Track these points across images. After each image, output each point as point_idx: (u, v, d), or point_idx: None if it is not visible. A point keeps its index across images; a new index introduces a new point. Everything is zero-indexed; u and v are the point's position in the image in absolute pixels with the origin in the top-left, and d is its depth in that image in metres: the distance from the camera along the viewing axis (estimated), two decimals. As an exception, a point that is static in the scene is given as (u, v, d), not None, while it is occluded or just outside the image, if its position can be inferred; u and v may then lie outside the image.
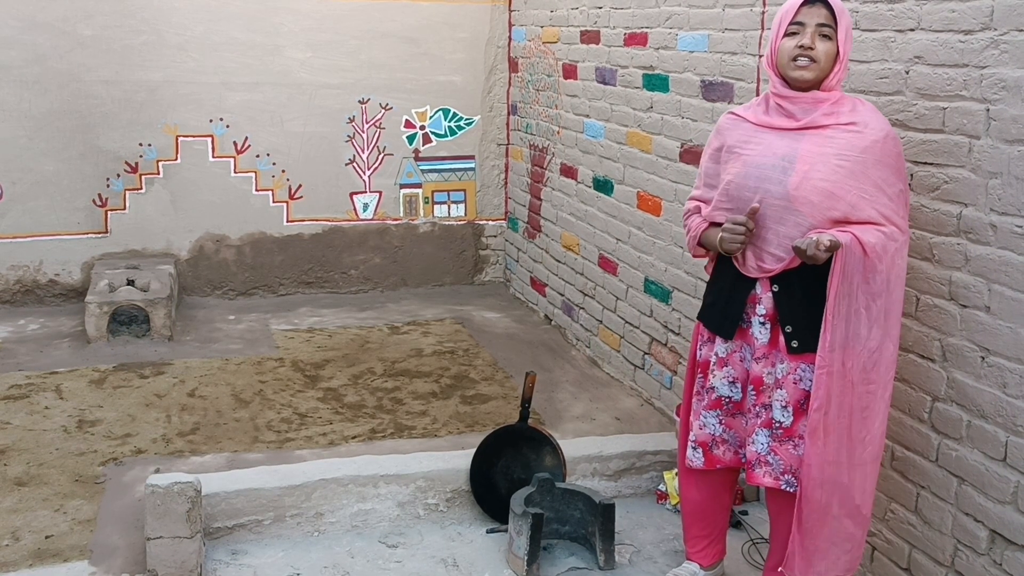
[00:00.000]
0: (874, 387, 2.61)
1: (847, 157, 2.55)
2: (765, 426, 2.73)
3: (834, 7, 2.60)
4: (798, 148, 2.61)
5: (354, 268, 6.44)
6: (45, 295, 5.91)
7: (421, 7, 6.26)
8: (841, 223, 2.56)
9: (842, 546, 2.70)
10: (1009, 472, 2.56)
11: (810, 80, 2.62)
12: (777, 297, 2.68)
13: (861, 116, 2.59)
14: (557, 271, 5.72)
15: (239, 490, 3.33)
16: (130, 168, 5.93)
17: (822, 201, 2.56)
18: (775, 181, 2.62)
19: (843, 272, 2.52)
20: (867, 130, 2.56)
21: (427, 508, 3.53)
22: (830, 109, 2.61)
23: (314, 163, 6.25)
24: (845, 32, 2.60)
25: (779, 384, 2.70)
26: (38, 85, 5.68)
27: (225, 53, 5.96)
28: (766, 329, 2.71)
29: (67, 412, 4.36)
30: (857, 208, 2.55)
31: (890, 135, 2.59)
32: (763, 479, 2.74)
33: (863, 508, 2.69)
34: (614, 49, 4.88)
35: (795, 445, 2.69)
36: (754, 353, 2.75)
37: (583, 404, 4.64)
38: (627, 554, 3.36)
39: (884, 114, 2.93)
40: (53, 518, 3.45)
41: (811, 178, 2.56)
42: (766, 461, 2.73)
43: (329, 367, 5.04)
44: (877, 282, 2.54)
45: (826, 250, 2.49)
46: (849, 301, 2.54)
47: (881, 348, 2.60)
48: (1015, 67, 2.50)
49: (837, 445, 2.61)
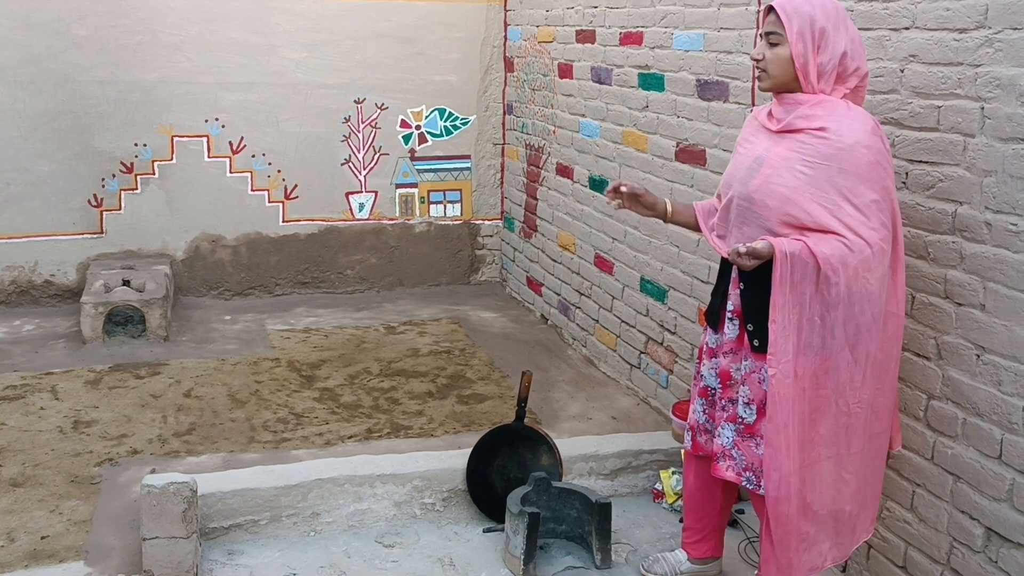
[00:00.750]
0: (824, 392, 2.58)
1: (810, 164, 2.51)
2: (731, 420, 2.76)
3: (780, 12, 2.55)
4: (772, 151, 2.62)
5: (350, 268, 6.44)
6: (40, 296, 5.90)
7: (416, 7, 6.26)
8: (800, 228, 2.52)
9: (801, 548, 2.69)
10: (1004, 470, 2.57)
11: (767, 89, 2.64)
12: (742, 295, 2.70)
13: (835, 123, 2.51)
14: (553, 270, 5.72)
15: (235, 490, 3.33)
16: (125, 168, 5.92)
17: (779, 205, 2.54)
18: (742, 182, 2.66)
19: (789, 280, 2.49)
20: (835, 137, 2.49)
21: (423, 508, 3.53)
22: (808, 112, 2.56)
23: (310, 163, 6.24)
24: (796, 34, 2.52)
25: (744, 380, 2.72)
26: (33, 85, 5.67)
27: (220, 53, 5.96)
28: (735, 325, 2.75)
29: (63, 413, 4.35)
30: (814, 215, 2.50)
31: (861, 143, 2.48)
32: (726, 473, 2.76)
33: (815, 507, 2.66)
34: (610, 48, 4.88)
35: (757, 444, 2.70)
36: (723, 347, 2.79)
37: (579, 403, 4.64)
38: (623, 553, 3.36)
39: (878, 113, 2.94)
40: (49, 519, 3.44)
41: (771, 182, 2.56)
42: (730, 455, 2.76)
43: (325, 367, 5.03)
44: (832, 293, 2.49)
45: (740, 256, 2.49)
46: (801, 310, 2.51)
47: (836, 359, 2.55)
48: (1009, 65, 2.50)
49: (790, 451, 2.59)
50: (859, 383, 2.60)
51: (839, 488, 2.68)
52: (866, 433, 2.67)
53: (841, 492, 2.69)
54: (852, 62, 2.57)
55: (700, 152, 4.06)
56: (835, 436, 2.62)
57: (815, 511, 2.67)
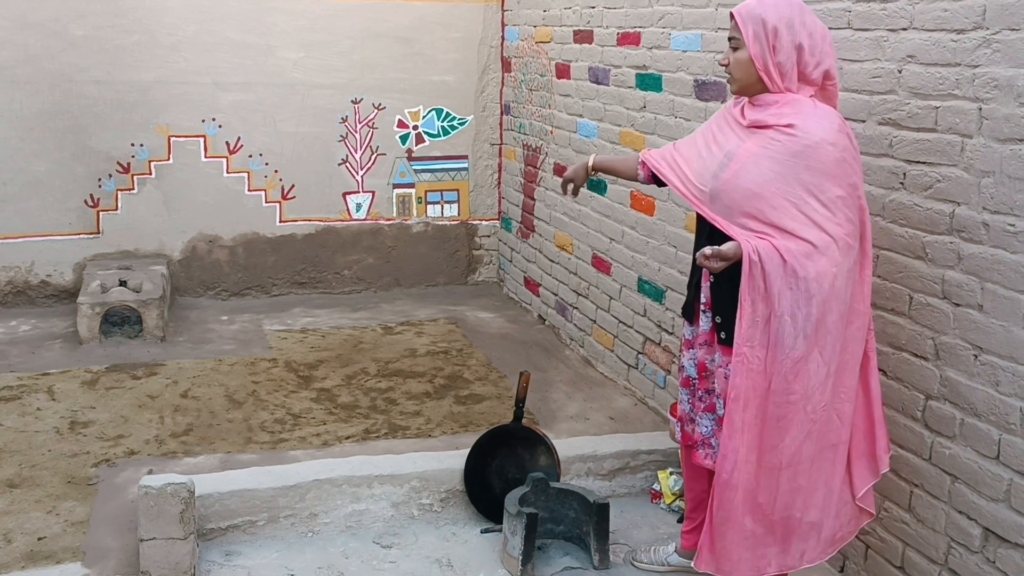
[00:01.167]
0: (795, 398, 2.57)
1: (778, 160, 2.53)
2: (708, 410, 2.81)
3: (736, 17, 2.60)
4: (741, 146, 2.63)
5: (347, 268, 6.43)
6: (37, 296, 5.89)
7: (414, 7, 6.26)
8: (764, 223, 2.54)
9: (744, 544, 2.68)
10: (1002, 470, 2.57)
11: (737, 92, 2.69)
12: (712, 288, 2.74)
13: (802, 120, 2.53)
14: (551, 271, 5.72)
15: (233, 491, 3.32)
16: (122, 168, 5.91)
17: (745, 200, 2.56)
18: (712, 175, 2.67)
19: (759, 278, 2.51)
20: (802, 135, 2.51)
21: (421, 508, 3.53)
22: (777, 110, 2.59)
23: (307, 163, 6.23)
24: (752, 37, 2.56)
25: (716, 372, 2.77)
26: (29, 85, 5.66)
27: (217, 53, 5.95)
28: (707, 318, 2.79)
29: (59, 413, 4.34)
30: (780, 210, 2.52)
31: (827, 141, 2.51)
32: (705, 460, 2.83)
33: (766, 509, 2.65)
34: (607, 49, 4.88)
35: None
36: (698, 339, 2.83)
37: (577, 404, 4.64)
38: (622, 554, 3.36)
39: (876, 113, 2.95)
40: (46, 520, 3.44)
41: (739, 176, 2.58)
42: (709, 444, 2.80)
43: (322, 367, 5.03)
44: (800, 289, 2.50)
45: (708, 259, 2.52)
46: (769, 306, 2.52)
47: (807, 359, 2.54)
48: (1007, 66, 2.50)
49: (749, 446, 2.61)
50: (826, 385, 2.59)
51: (794, 496, 2.66)
52: (826, 441, 2.64)
53: (795, 500, 2.66)
54: (811, 58, 2.57)
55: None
56: (799, 444, 2.61)
57: (765, 513, 2.66)
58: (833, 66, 2.63)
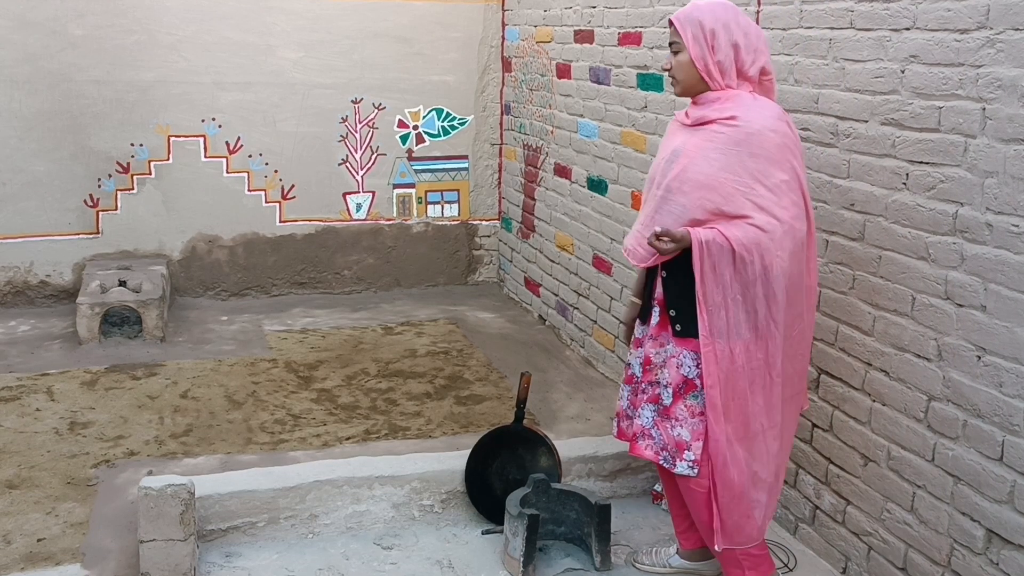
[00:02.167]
0: (757, 364, 2.74)
1: (723, 151, 2.66)
2: (651, 401, 2.89)
3: (675, 23, 2.75)
4: (688, 142, 2.75)
5: (347, 268, 6.42)
6: (36, 296, 5.88)
7: (414, 7, 6.25)
8: (716, 215, 2.67)
9: (751, 515, 2.85)
10: (1006, 471, 2.56)
11: (680, 94, 2.83)
12: (665, 283, 2.84)
13: (743, 111, 2.67)
14: (551, 271, 5.71)
15: (233, 492, 3.31)
16: (122, 168, 5.90)
17: (696, 192, 2.68)
18: (662, 173, 2.79)
19: (709, 264, 2.65)
20: (744, 124, 2.65)
21: (422, 509, 3.52)
22: (719, 105, 2.71)
23: (307, 163, 6.23)
24: (691, 39, 2.71)
25: (664, 364, 2.85)
26: (29, 85, 5.65)
27: (217, 53, 5.94)
28: (657, 312, 2.88)
29: (59, 414, 4.33)
30: (731, 198, 2.65)
31: (768, 128, 2.65)
32: (645, 451, 2.90)
33: (761, 474, 2.81)
34: (608, 48, 4.87)
35: (671, 426, 2.83)
36: (648, 334, 2.91)
37: (578, 404, 4.63)
38: (623, 555, 3.35)
39: (879, 113, 2.94)
40: (45, 521, 3.43)
41: (688, 171, 2.70)
42: (650, 434, 2.89)
43: (323, 368, 5.02)
44: (748, 272, 2.65)
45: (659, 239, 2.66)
46: (724, 291, 2.68)
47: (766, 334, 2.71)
48: (1011, 66, 2.50)
49: (735, 424, 2.76)
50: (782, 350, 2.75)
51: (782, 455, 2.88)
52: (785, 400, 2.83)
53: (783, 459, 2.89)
54: (748, 55, 2.71)
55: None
56: (769, 406, 2.78)
57: (763, 479, 2.83)
58: (768, 62, 2.76)
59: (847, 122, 3.10)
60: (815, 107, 3.26)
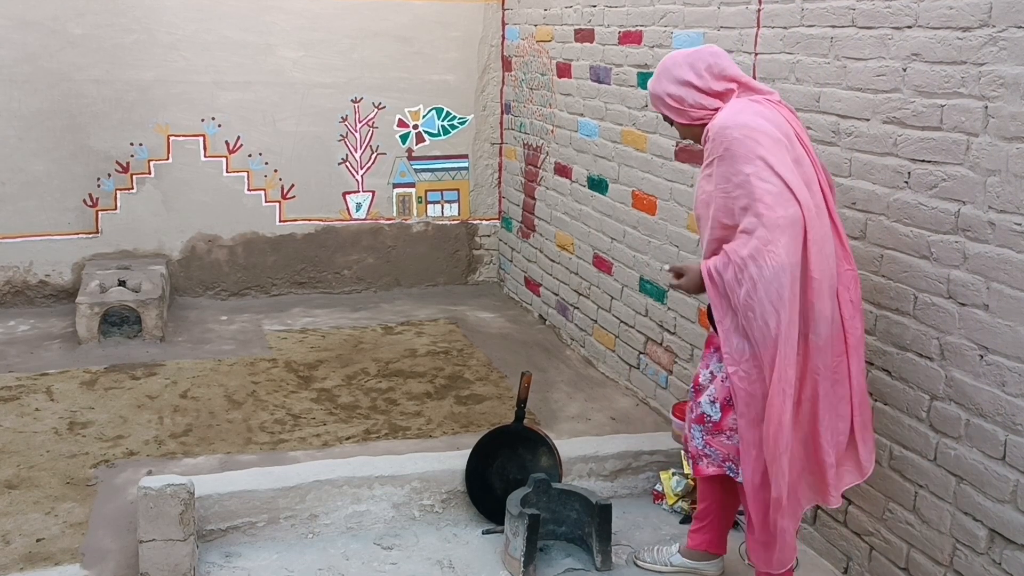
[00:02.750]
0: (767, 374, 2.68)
1: (707, 164, 2.73)
2: (697, 422, 2.91)
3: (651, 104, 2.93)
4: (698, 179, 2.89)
5: (347, 268, 6.41)
6: (35, 296, 5.87)
7: (414, 6, 6.24)
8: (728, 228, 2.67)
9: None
10: (1008, 471, 2.55)
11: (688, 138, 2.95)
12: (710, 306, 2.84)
13: (711, 123, 2.73)
14: (551, 271, 5.70)
15: (232, 492, 3.30)
16: (121, 168, 5.89)
17: (705, 212, 2.77)
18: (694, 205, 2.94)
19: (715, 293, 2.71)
20: (711, 132, 2.72)
21: (422, 509, 3.51)
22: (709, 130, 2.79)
23: (307, 163, 6.22)
24: (663, 107, 2.85)
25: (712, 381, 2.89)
26: (28, 84, 5.64)
27: (217, 52, 5.93)
28: None
29: (58, 414, 4.32)
30: (721, 211, 2.67)
31: (726, 127, 2.66)
32: (707, 470, 2.92)
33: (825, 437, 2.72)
34: (608, 47, 4.87)
35: (729, 436, 2.84)
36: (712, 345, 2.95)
37: (578, 404, 4.63)
38: (624, 555, 3.34)
39: (881, 112, 2.93)
40: (44, 521, 3.42)
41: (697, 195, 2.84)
42: (705, 454, 2.91)
43: (322, 368, 5.01)
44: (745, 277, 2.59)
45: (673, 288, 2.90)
46: (735, 317, 2.68)
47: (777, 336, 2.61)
48: (1014, 64, 2.49)
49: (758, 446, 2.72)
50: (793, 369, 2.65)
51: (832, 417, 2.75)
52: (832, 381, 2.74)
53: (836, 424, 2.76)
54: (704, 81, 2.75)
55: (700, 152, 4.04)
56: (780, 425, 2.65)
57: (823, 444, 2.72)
58: (728, 65, 2.78)
59: (849, 121, 3.09)
60: (816, 106, 3.25)
